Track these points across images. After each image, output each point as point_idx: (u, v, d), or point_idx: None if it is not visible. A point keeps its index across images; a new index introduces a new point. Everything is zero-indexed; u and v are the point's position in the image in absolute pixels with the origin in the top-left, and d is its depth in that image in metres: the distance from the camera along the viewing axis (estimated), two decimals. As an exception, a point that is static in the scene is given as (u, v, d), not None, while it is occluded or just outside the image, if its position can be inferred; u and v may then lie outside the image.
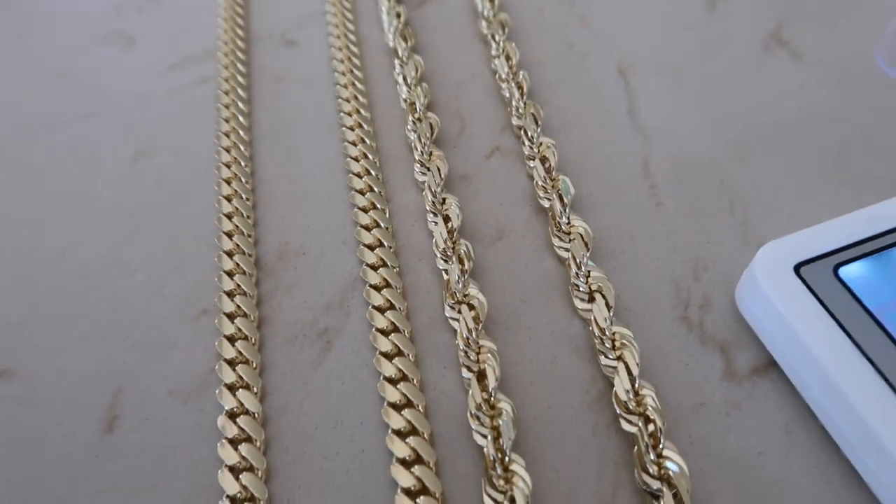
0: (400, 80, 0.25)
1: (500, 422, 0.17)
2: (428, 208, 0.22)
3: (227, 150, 0.23)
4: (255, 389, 0.18)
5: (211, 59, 0.27)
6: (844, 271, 0.18)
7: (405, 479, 0.17)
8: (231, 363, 0.19)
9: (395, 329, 0.19)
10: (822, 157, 0.22)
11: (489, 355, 0.18)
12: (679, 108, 0.24)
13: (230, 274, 0.20)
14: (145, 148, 0.24)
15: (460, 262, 0.20)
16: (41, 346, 0.20)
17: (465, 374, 0.18)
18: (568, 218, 0.21)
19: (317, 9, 0.29)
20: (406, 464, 0.17)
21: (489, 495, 0.16)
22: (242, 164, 0.23)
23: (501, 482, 0.16)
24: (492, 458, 0.17)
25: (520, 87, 0.24)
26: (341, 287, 0.21)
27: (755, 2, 0.28)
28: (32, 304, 0.21)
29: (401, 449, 0.17)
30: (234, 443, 0.17)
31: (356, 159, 0.23)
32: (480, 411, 0.17)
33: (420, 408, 0.18)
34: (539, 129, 0.23)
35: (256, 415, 0.18)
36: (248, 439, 0.17)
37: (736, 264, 0.20)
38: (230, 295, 0.20)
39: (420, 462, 0.17)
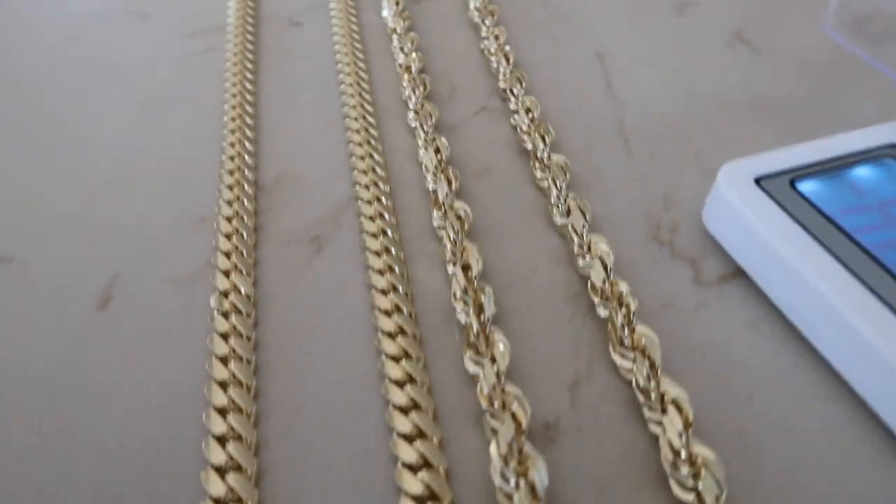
0: (396, 50, 0.28)
1: (482, 297, 0.18)
2: (420, 144, 0.23)
3: (234, 97, 0.25)
4: (248, 275, 0.19)
5: (222, 33, 0.29)
6: (800, 185, 0.19)
7: (394, 371, 0.17)
8: (227, 254, 0.20)
9: (385, 234, 0.20)
10: (779, 125, 0.25)
11: (473, 250, 0.19)
12: (651, 86, 0.27)
13: (230, 187, 0.22)
14: (155, 98, 0.26)
15: (448, 182, 0.21)
16: (43, 237, 0.21)
17: (451, 269, 0.19)
18: (548, 154, 0.22)
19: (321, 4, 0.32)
20: (396, 359, 0.17)
21: (471, 359, 0.17)
22: (247, 108, 0.25)
23: (482, 347, 0.17)
24: (474, 330, 0.17)
25: (507, 58, 0.27)
26: (335, 206, 0.22)
27: (719, 8, 0.31)
28: (36, 200, 0.22)
29: (390, 347, 0.18)
30: (226, 315, 0.18)
31: (353, 108, 0.25)
32: (465, 294, 0.18)
33: (405, 295, 0.19)
34: (523, 90, 0.25)
35: (249, 296, 0.19)
36: (239, 312, 0.18)
37: (702, 200, 0.22)
38: (229, 203, 0.21)
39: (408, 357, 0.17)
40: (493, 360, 0.16)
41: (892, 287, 0.16)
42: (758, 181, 0.20)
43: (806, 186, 0.19)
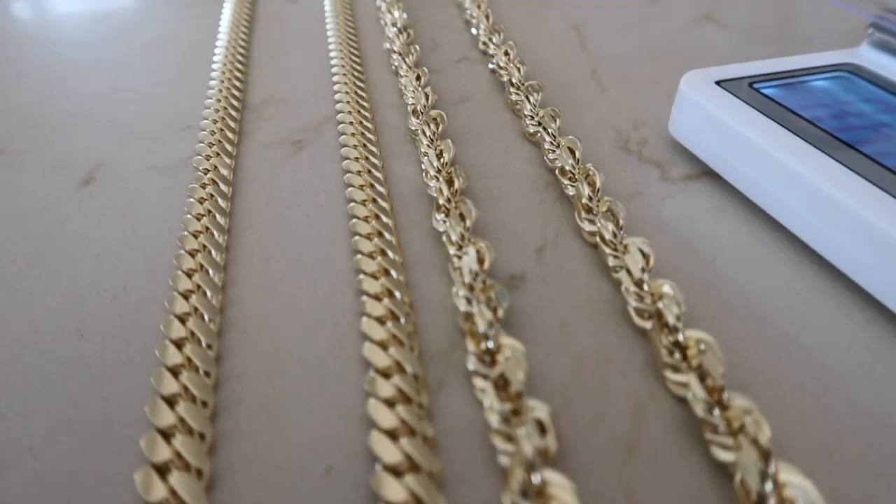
0: (384, 13, 0.29)
1: (452, 170, 0.18)
2: (401, 73, 0.24)
3: (228, 42, 0.27)
4: (229, 162, 0.20)
5: (218, 3, 0.31)
6: (760, 87, 0.20)
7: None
8: (210, 145, 0.20)
9: (366, 140, 0.21)
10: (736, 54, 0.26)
11: (448, 143, 0.20)
12: (623, 46, 0.28)
13: (217, 101, 0.23)
14: (154, 40, 0.28)
15: (426, 97, 0.22)
16: (30, 131, 0.21)
17: (424, 162, 0.20)
18: (522, 81, 0.24)
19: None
20: (366, 219, 0.18)
21: (436, 219, 0.17)
22: (240, 49, 0.26)
23: (451, 207, 0.17)
24: (444, 196, 0.18)
25: (487, 17, 0.28)
26: (317, 121, 0.23)
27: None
28: (27, 98, 0.23)
29: (361, 211, 0.18)
30: (202, 201, 0.18)
31: (339, 50, 0.26)
32: (438, 173, 0.19)
33: (380, 177, 0.19)
34: (502, 38, 0.27)
35: (228, 178, 0.19)
36: (217, 196, 0.19)
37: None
38: (216, 111, 0.22)
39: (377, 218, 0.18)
40: (462, 217, 0.17)
41: (852, 155, 0.17)
42: (718, 83, 0.20)
43: (766, 89, 0.20)
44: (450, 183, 0.18)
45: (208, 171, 0.19)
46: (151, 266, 0.17)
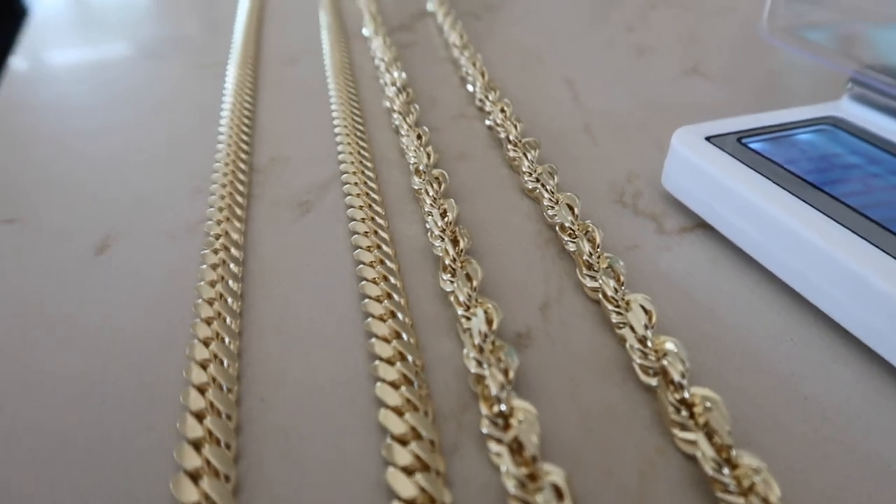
0: (383, 73, 0.30)
1: (456, 230, 0.19)
2: (402, 132, 0.25)
3: (233, 103, 0.27)
4: (239, 226, 0.20)
5: (221, 65, 0.32)
6: (748, 142, 0.21)
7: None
8: (220, 209, 0.21)
9: (371, 200, 0.22)
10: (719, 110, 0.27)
11: (451, 202, 0.21)
12: (615, 99, 0.29)
13: (225, 163, 0.23)
14: (160, 103, 0.29)
15: (428, 156, 0.23)
16: (42, 198, 0.22)
17: (428, 221, 0.21)
18: (519, 138, 0.24)
19: (314, 43, 0.35)
20: (375, 282, 0.18)
21: (443, 279, 0.18)
22: (245, 111, 0.27)
23: (457, 267, 0.18)
24: (450, 256, 0.18)
25: (482, 74, 0.29)
26: (322, 181, 0.24)
27: (675, 51, 0.34)
28: (38, 166, 0.23)
29: (369, 273, 0.19)
30: (215, 267, 0.19)
31: (341, 108, 0.27)
32: (443, 233, 0.20)
33: (387, 238, 0.20)
34: (497, 95, 0.28)
35: (239, 242, 0.20)
36: (229, 261, 0.19)
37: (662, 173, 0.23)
38: (224, 175, 0.23)
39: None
40: (468, 277, 0.17)
41: (838, 207, 0.18)
42: (708, 139, 0.21)
43: (754, 143, 0.21)
44: (454, 243, 0.19)
45: (220, 235, 0.20)
46: (168, 334, 0.17)
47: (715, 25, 0.38)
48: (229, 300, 0.18)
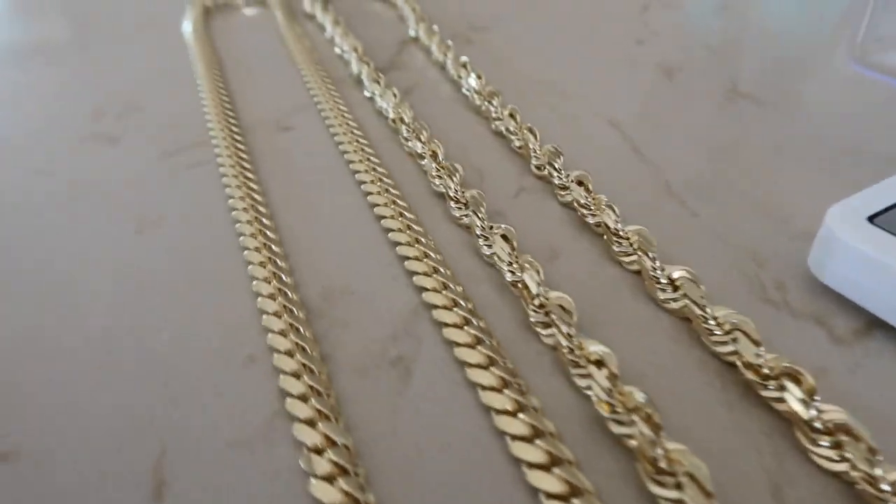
0: (412, 139, 0.25)
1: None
2: (476, 233, 0.21)
3: (244, 210, 0.22)
4: (337, 421, 0.15)
5: (205, 146, 0.26)
6: (914, 217, 0.18)
7: (548, 483, 0.14)
8: (302, 398, 0.16)
9: (479, 341, 0.17)
10: (824, 162, 0.24)
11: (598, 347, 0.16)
12: (675, 145, 0.25)
13: (277, 315, 0.18)
14: (149, 220, 0.22)
15: (537, 272, 0.19)
16: (63, 423, 0.16)
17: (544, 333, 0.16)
18: (619, 229, 0.20)
19: (306, 101, 0.29)
20: (543, 467, 0.14)
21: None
22: (262, 220, 0.22)
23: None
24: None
25: (532, 133, 0.25)
26: (403, 317, 0.19)
27: (708, 70, 0.31)
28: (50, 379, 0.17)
29: (532, 454, 0.14)
30: (328, 479, 0.14)
31: (379, 194, 0.22)
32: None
33: (535, 406, 0.15)
34: (562, 160, 0.23)
35: (348, 446, 0.15)
36: (345, 472, 0.14)
37: (793, 249, 0.20)
38: (283, 334, 0.17)
39: (558, 463, 0.14)
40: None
41: None
42: (870, 219, 0.18)
43: (923, 218, 0.18)
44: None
45: (321, 450, 0.15)
46: None
47: (715, 25, 0.35)
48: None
